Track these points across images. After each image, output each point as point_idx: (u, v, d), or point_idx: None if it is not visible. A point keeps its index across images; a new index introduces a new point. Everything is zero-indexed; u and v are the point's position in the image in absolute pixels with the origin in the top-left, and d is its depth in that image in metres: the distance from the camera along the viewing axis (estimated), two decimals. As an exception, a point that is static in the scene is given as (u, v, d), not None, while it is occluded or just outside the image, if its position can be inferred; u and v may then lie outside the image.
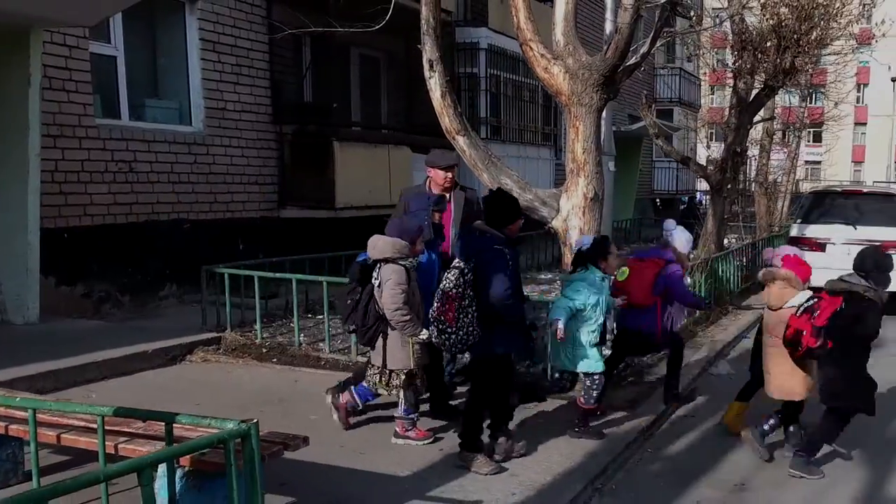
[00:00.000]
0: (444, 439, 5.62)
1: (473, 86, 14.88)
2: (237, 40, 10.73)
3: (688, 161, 14.62)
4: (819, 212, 12.51)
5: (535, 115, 16.65)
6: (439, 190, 6.34)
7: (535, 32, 7.77)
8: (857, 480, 5.50)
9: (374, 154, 11.68)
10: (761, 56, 12.76)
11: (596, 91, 7.62)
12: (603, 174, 8.11)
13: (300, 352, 7.83)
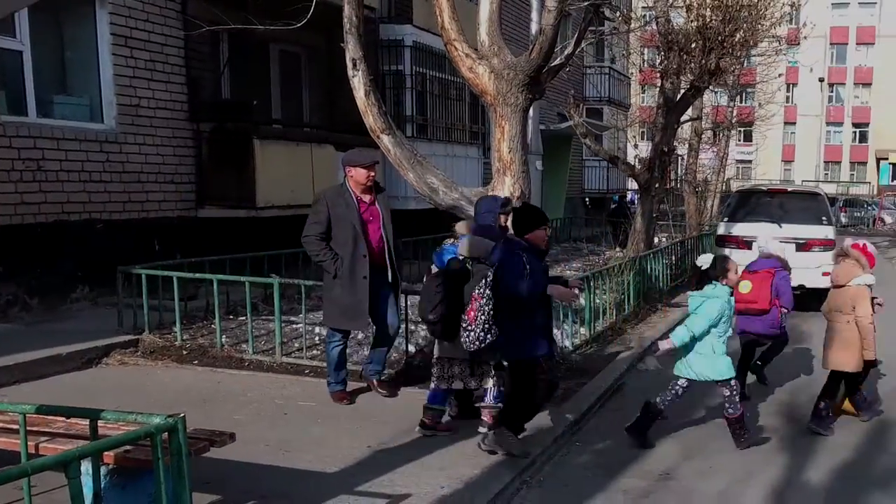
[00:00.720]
0: (371, 436, 5.84)
1: (399, 83, 15.10)
2: (151, 35, 10.72)
3: (616, 160, 15.16)
4: (745, 210, 13.17)
5: (462, 113, 16.97)
6: (361, 189, 6.45)
7: (460, 32, 8.05)
8: (778, 467, 5.94)
9: (296, 152, 11.81)
10: (687, 57, 13.32)
11: (521, 91, 7.96)
12: (530, 173, 8.45)
13: (222, 353, 7.94)
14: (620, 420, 6.82)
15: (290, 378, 7.44)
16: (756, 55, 19.91)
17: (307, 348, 8.03)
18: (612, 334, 9.85)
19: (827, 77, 60.37)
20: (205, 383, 7.20)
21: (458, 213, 8.35)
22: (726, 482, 5.63)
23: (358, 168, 6.42)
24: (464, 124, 17.00)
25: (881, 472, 5.89)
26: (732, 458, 6.07)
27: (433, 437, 5.89)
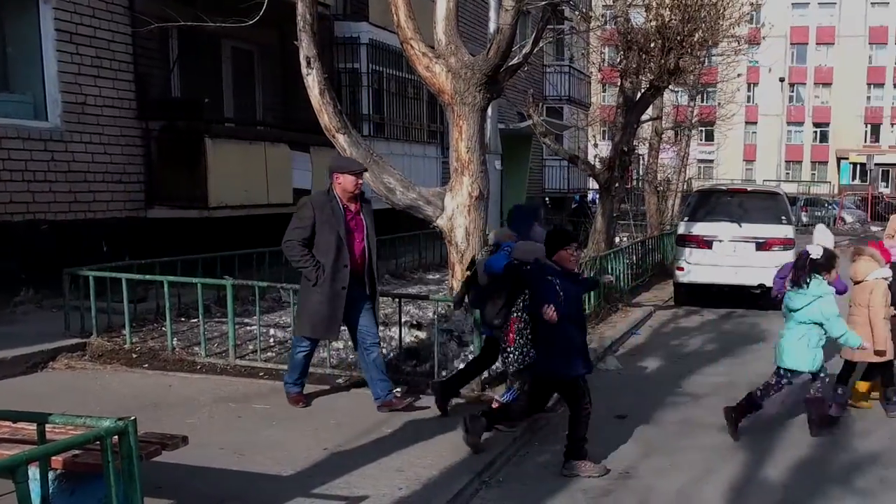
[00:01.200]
0: (328, 438, 5.90)
1: (355, 82, 15.16)
2: (97, 31, 10.64)
3: (576, 160, 15.35)
4: (705, 210, 13.44)
5: (421, 112, 17.07)
6: (348, 197, 6.40)
7: (416, 31, 8.14)
8: (737, 464, 6.11)
9: (249, 151, 11.80)
10: (646, 56, 13.55)
11: (479, 90, 8.08)
12: (488, 173, 8.58)
13: (174, 356, 7.93)
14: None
15: (244, 381, 7.45)
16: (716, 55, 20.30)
17: (262, 350, 8.04)
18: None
19: (787, 77, 61.62)
20: (156, 387, 7.18)
21: (415, 213, 8.44)
22: (686, 479, 5.78)
23: (346, 175, 6.35)
24: (422, 123, 17.09)
25: (838, 467, 6.09)
26: (692, 455, 6.22)
27: (394, 437, 5.97)
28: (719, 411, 7.30)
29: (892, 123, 64.59)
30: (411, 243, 14.70)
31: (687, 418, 7.19)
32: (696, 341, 10.65)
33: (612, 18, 14.84)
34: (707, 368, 8.99)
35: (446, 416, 6.55)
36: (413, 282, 13.05)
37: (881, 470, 6.01)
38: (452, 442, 5.95)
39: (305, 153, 12.95)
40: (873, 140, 64.69)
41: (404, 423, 6.33)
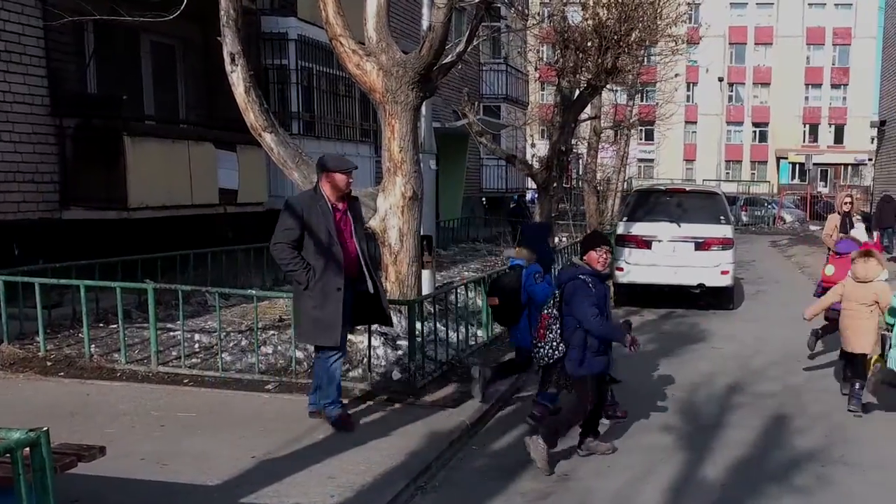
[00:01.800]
0: (256, 446, 5.87)
1: (283, 79, 15.06)
2: (6, 24, 10.38)
3: (513, 159, 15.52)
4: (644, 210, 13.73)
5: (353, 110, 17.03)
6: (337, 195, 6.30)
7: (346, 27, 8.16)
8: (676, 464, 6.29)
9: (171, 150, 11.64)
10: (583, 55, 13.78)
11: (412, 89, 8.14)
12: (422, 173, 8.64)
13: (91, 364, 7.81)
14: (518, 422, 7.06)
15: (167, 388, 7.36)
16: (655, 54, 20.75)
17: (186, 357, 7.96)
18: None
19: (726, 77, 63.35)
20: (72, 396, 7.05)
21: (347, 213, 8.44)
22: (625, 480, 5.93)
23: (338, 174, 6.25)
24: (354, 122, 17.06)
25: (776, 466, 6.31)
26: (631, 456, 6.39)
27: (327, 442, 6.00)
28: (659, 411, 7.52)
29: (830, 123, 66.88)
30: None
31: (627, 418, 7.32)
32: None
33: (549, 17, 15.03)
34: (646, 368, 9.18)
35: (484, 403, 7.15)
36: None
37: (819, 468, 6.24)
38: (388, 447, 6.00)
39: (232, 152, 12.83)
40: (812, 140, 66.84)
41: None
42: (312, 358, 7.02)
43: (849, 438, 6.94)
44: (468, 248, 20.42)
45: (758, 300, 14.60)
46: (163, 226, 11.54)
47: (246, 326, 8.73)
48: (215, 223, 13.12)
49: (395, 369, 7.74)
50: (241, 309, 9.73)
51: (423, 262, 9.13)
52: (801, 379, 8.91)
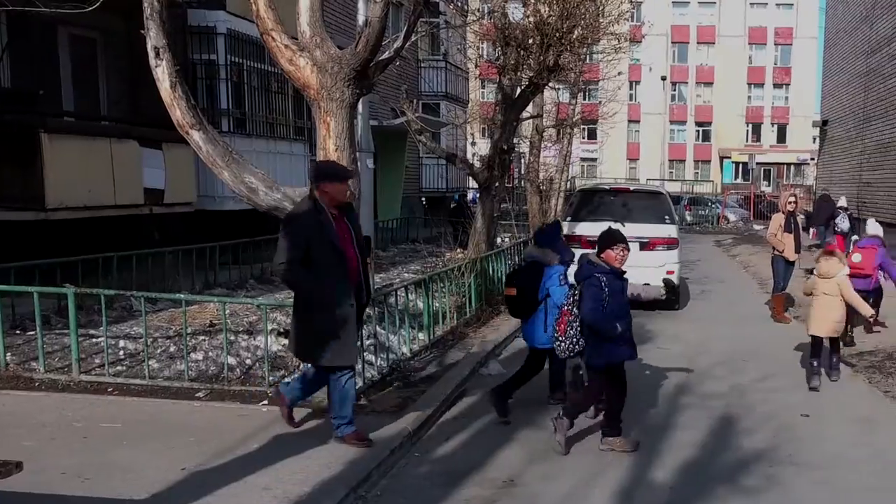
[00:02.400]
0: (187, 457, 5.78)
1: (212, 74, 14.91)
2: None
3: (453, 158, 15.54)
4: (588, 210, 13.87)
5: (286, 107, 16.93)
6: (335, 204, 6.12)
7: (278, 21, 8.08)
8: (624, 468, 6.36)
9: (93, 148, 11.43)
10: (525, 53, 13.86)
11: (347, 86, 8.09)
12: (359, 172, 8.59)
13: (7, 373, 7.62)
14: (462, 428, 7.07)
15: (90, 398, 7.21)
16: (597, 53, 20.99)
17: (110, 364, 7.80)
18: (453, 339, 10.17)
19: (669, 76, 64.58)
20: (-15, 409, 6.86)
21: (280, 214, 8.35)
22: (572, 484, 5.98)
23: (336, 183, 6.13)
24: (288, 119, 16.95)
25: (724, 467, 6.44)
26: (578, 460, 6.45)
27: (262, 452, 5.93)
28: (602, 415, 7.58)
29: (773, 123, 68.69)
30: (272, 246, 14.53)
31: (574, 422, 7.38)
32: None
33: (489, 13, 15.10)
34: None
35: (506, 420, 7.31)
36: (280, 287, 12.86)
37: (767, 468, 6.38)
38: (326, 455, 5.96)
39: (157, 150, 12.65)
40: (755, 139, 68.62)
41: (273, 437, 6.28)
42: (263, 367, 6.94)
43: (796, 438, 7.11)
44: (408, 249, 20.42)
45: (703, 300, 14.88)
46: (84, 227, 11.30)
47: (174, 332, 8.57)
48: (141, 224, 12.92)
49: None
50: (168, 314, 9.55)
51: (362, 264, 9.08)
52: (748, 379, 9.09)
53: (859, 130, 24.55)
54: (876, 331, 11.38)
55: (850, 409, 8.08)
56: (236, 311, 8.79)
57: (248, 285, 12.70)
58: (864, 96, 24.22)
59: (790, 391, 8.64)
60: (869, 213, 22.85)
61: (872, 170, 23.26)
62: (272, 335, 8.00)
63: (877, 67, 23.06)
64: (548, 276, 7.46)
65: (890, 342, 10.86)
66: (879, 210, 22.19)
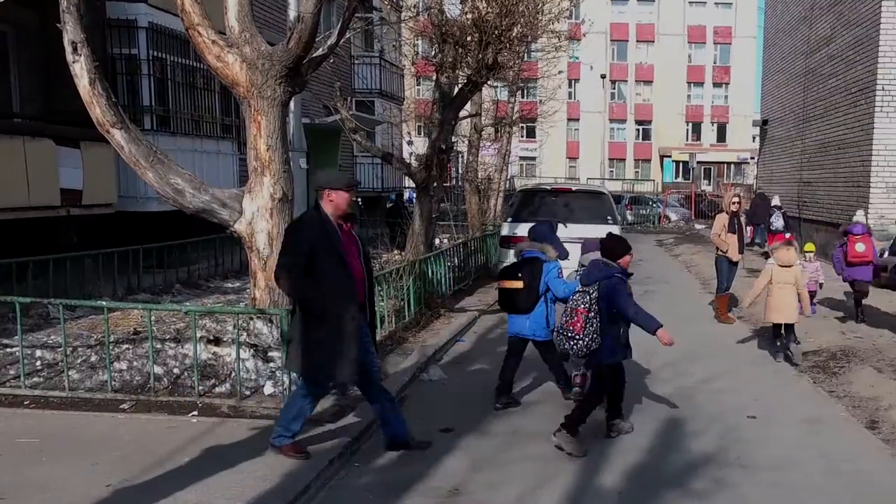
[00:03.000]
0: (111, 473, 5.64)
1: (133, 69, 14.66)
2: None
3: (390, 158, 15.50)
4: (529, 210, 13.96)
5: (212, 104, 16.71)
6: (339, 215, 6.10)
7: (204, 16, 7.98)
8: (571, 473, 6.39)
9: (3, 147, 11.11)
10: (463, 50, 13.89)
11: (279, 83, 8.03)
12: (292, 172, 8.51)
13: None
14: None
15: (5, 412, 7.05)
16: (536, 51, 21.17)
17: (26, 375, 7.60)
18: (393, 343, 10.15)
19: (609, 74, 65.55)
20: None
21: (209, 217, 8.24)
22: (519, 492, 5.99)
23: (339, 192, 6.07)
24: (214, 116, 16.73)
25: (673, 470, 6.53)
26: (525, 467, 6.46)
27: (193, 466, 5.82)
28: (550, 419, 7.63)
29: (713, 122, 70.21)
30: (207, 248, 14.37)
31: (517, 428, 7.46)
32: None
33: (426, 10, 15.09)
34: (535, 374, 9.31)
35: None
36: (209, 291, 12.78)
37: (715, 471, 6.49)
38: (261, 468, 5.88)
39: (75, 149, 12.38)
40: (695, 138, 70.07)
41: (204, 450, 6.18)
42: (192, 376, 6.91)
43: (743, 440, 7.24)
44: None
45: (647, 300, 14.93)
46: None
47: (96, 340, 8.35)
48: (58, 227, 12.62)
49: (267, 383, 7.59)
50: (89, 321, 9.33)
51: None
52: (693, 380, 9.23)
53: (799, 130, 25.17)
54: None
55: (796, 409, 8.26)
56: (162, 318, 8.60)
57: (175, 290, 12.49)
58: (803, 96, 24.85)
59: (736, 392, 8.80)
60: (809, 213, 23.53)
61: (812, 169, 23.86)
62: (202, 343, 7.85)
63: (816, 68, 23.68)
64: (546, 271, 7.88)
65: (834, 342, 11.15)
66: (820, 210, 22.83)
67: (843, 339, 11.44)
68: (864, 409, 8.19)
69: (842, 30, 21.55)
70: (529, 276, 7.94)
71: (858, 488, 6.19)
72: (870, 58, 19.47)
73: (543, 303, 7.95)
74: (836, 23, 22.04)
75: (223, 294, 12.55)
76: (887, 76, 18.98)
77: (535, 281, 7.91)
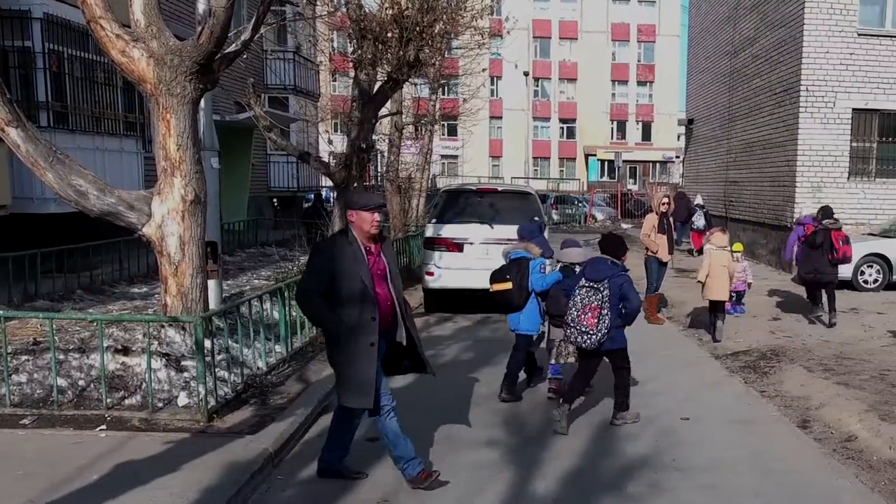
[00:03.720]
0: (13, 494, 5.45)
1: (27, 63, 14.28)
2: None
3: (307, 157, 15.36)
4: (454, 211, 14.02)
5: (115, 99, 16.37)
6: (367, 237, 6.03)
7: (107, 9, 7.82)
8: (505, 481, 6.45)
9: None
10: (383, 47, 13.85)
11: (189, 80, 7.92)
12: (204, 173, 8.39)
13: None
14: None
15: None
16: (459, 48, 21.28)
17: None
18: (313, 350, 10.07)
19: (532, 71, 66.27)
20: None
21: (115, 220, 8.07)
22: (452, 501, 6.04)
23: (360, 212, 5.98)
24: (116, 113, 16.38)
25: (608, 474, 6.64)
26: (457, 475, 6.47)
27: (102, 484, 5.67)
28: (482, 425, 7.69)
29: (638, 121, 71.62)
30: (111, 251, 14.01)
31: (449, 435, 7.52)
32: (451, 350, 11.12)
33: (344, 4, 14.98)
34: (465, 379, 9.40)
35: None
36: (114, 297, 12.49)
37: (651, 474, 6.63)
38: (178, 484, 5.78)
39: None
40: (620, 137, 71.40)
41: (115, 466, 6.06)
42: (99, 388, 6.83)
43: (678, 442, 7.42)
44: (257, 253, 20.17)
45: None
46: None
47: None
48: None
49: (181, 394, 7.47)
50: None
51: (208, 272, 8.86)
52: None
53: (725, 130, 25.85)
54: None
55: (729, 410, 8.50)
56: (64, 327, 8.37)
57: (76, 297, 12.14)
58: (728, 96, 25.53)
59: (668, 394, 9.02)
60: (736, 213, 24.17)
61: (738, 169, 24.52)
62: (109, 353, 7.67)
63: (741, 67, 24.36)
64: (532, 269, 8.69)
65: (764, 342, 11.49)
66: (746, 209, 23.49)
67: (772, 338, 11.81)
68: (795, 409, 8.48)
69: (766, 30, 22.24)
70: (518, 276, 8.64)
71: (792, 489, 6.39)
72: (794, 58, 20.15)
73: (534, 299, 8.73)
74: (760, 23, 22.73)
75: (129, 300, 12.29)
76: (811, 77, 19.69)
77: (524, 280, 8.64)
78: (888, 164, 20.33)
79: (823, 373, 9.55)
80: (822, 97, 19.75)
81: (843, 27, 19.66)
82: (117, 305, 11.68)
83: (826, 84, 19.71)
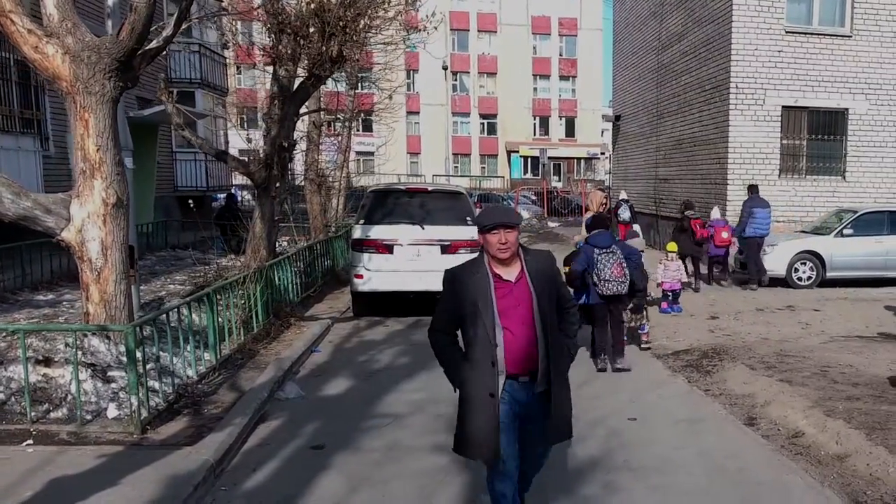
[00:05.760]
0: None
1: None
2: None
3: (224, 156, 15.28)
4: (383, 212, 14.15)
5: (8, 94, 16.08)
6: (496, 262, 5.16)
7: (18, 2, 7.77)
8: (456, 486, 6.63)
9: None
10: (304, 42, 13.88)
11: (109, 78, 7.94)
12: (125, 174, 8.40)
13: None
14: (270, 456, 7.11)
15: None
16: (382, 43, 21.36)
17: None
18: (243, 357, 10.16)
19: (450, 65, 66.56)
20: None
21: (30, 224, 8.03)
22: (397, 509, 6.15)
23: (484, 235, 5.14)
24: (12, 109, 16.08)
25: (560, 477, 6.77)
26: (405, 484, 6.63)
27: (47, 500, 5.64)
28: (425, 431, 7.85)
29: (561, 116, 72.54)
30: (10, 256, 13.72)
31: (392, 443, 7.64)
32: (385, 355, 11.27)
33: (261, -4, 14.90)
34: (403, 384, 9.55)
35: None
36: (19, 305, 12.30)
37: (603, 475, 6.86)
38: (115, 500, 5.80)
39: None
40: (543, 133, 72.24)
41: (48, 482, 6.05)
42: (22, 401, 6.78)
43: (627, 443, 7.69)
44: (168, 256, 20.05)
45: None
46: None
47: None
48: None
49: (110, 406, 7.47)
50: None
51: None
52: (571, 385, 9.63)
53: (653, 126, 26.50)
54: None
55: (674, 410, 8.83)
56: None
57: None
58: (657, 92, 26.19)
59: (612, 396, 9.31)
60: (666, 210, 24.80)
61: (668, 166, 25.18)
62: (30, 363, 7.61)
63: (669, 63, 25.03)
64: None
65: (705, 340, 11.91)
66: (677, 207, 24.11)
67: (712, 337, 12.26)
68: (740, 407, 8.85)
69: (694, 27, 22.93)
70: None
71: (744, 486, 6.69)
72: (723, 55, 20.87)
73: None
74: (687, 19, 23.42)
75: (36, 308, 12.12)
76: (741, 74, 20.42)
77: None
78: (818, 161, 21.24)
79: (766, 370, 9.94)
80: (752, 94, 20.51)
81: (772, 24, 20.46)
82: (23, 314, 11.54)
83: (755, 81, 20.49)
